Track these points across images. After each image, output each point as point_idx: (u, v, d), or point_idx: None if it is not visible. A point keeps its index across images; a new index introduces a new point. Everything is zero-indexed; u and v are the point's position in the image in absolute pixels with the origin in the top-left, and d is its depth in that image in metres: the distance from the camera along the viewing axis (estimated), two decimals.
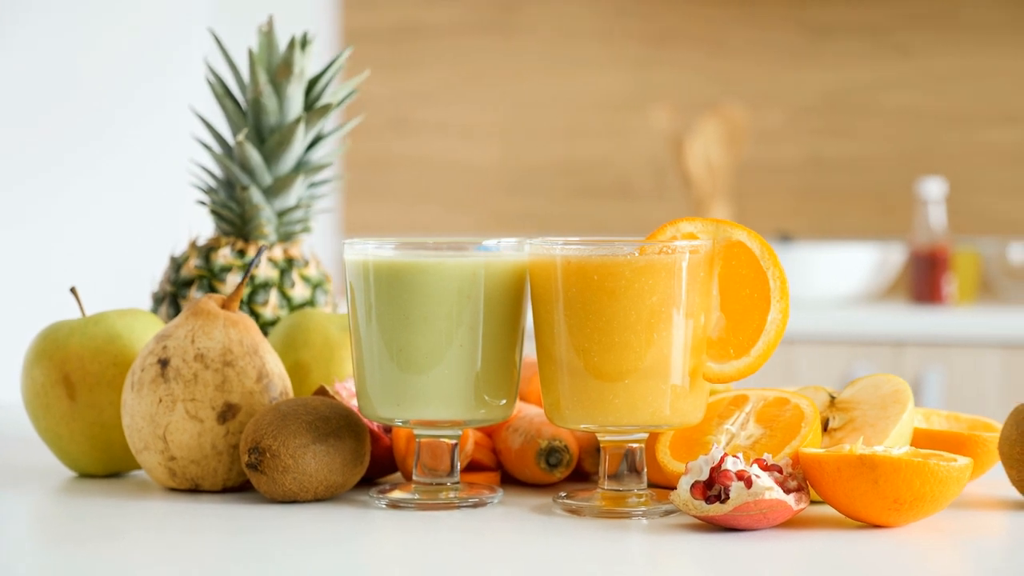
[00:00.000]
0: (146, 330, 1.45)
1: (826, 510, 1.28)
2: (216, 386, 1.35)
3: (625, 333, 1.25)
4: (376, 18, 4.31)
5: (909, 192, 3.94)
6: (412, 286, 1.29)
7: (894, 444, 1.28)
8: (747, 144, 3.95)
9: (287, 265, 1.60)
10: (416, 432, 1.33)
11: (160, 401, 1.35)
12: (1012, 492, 1.35)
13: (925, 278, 3.56)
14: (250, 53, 1.57)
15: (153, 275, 1.72)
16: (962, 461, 1.21)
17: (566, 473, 1.38)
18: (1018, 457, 1.28)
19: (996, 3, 3.95)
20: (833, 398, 1.35)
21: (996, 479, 1.37)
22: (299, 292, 1.59)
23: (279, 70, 1.57)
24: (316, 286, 1.61)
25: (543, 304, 1.30)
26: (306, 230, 1.63)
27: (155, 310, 1.60)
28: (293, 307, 1.58)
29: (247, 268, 1.38)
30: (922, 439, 1.35)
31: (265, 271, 1.58)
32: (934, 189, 3.59)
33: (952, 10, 3.97)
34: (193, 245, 1.62)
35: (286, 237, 1.62)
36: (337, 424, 1.32)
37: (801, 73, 4.08)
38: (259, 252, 1.39)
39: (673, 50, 4.15)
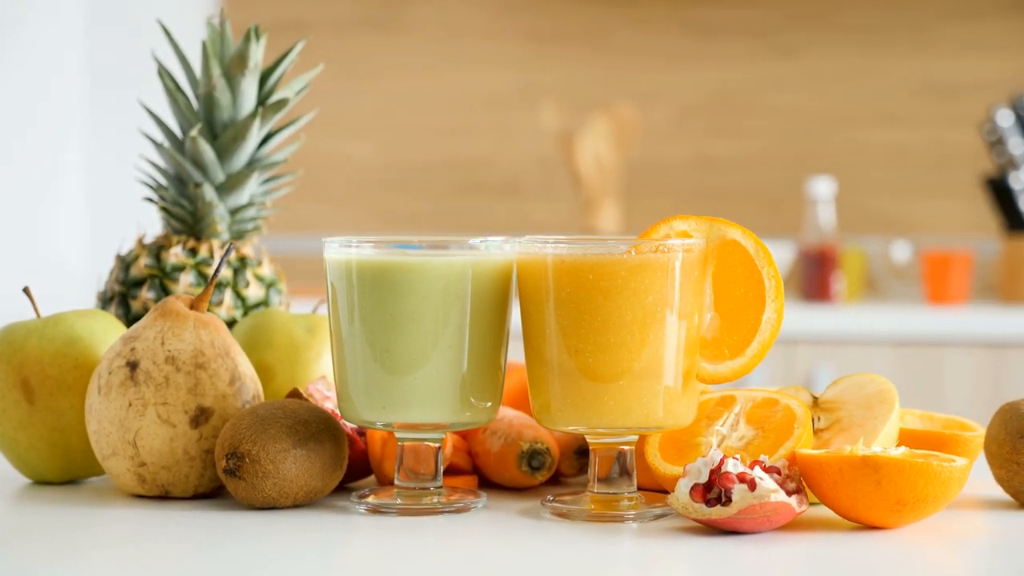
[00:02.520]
0: (107, 332, 1.40)
1: (821, 511, 1.27)
2: (188, 389, 1.30)
3: (620, 333, 1.23)
4: (259, 14, 4.25)
5: (796, 191, 3.97)
6: (399, 286, 1.26)
7: (882, 444, 1.27)
8: (636, 143, 3.95)
9: (240, 264, 1.56)
10: (399, 435, 1.29)
11: (130, 405, 1.30)
12: (997, 491, 1.35)
13: (815, 276, 3.59)
14: (204, 46, 1.53)
15: (99, 274, 1.66)
16: (961, 462, 1.21)
17: (547, 476, 1.36)
18: (1006, 456, 1.28)
19: (877, 5, 3.99)
20: (816, 398, 1.34)
21: (980, 478, 1.37)
22: (253, 292, 1.55)
23: (233, 63, 1.53)
24: (270, 285, 1.57)
25: (533, 304, 1.27)
26: (257, 228, 1.59)
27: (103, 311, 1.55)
28: (248, 307, 1.54)
29: (218, 266, 1.34)
30: (904, 439, 1.35)
31: None
32: (823, 188, 3.61)
33: (834, 11, 4.01)
34: (141, 243, 1.57)
35: (238, 236, 1.58)
36: (317, 428, 1.29)
37: (687, 73, 4.09)
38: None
39: (559, 49, 4.14)
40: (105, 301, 1.56)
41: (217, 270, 1.34)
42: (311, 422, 1.28)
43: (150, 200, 1.57)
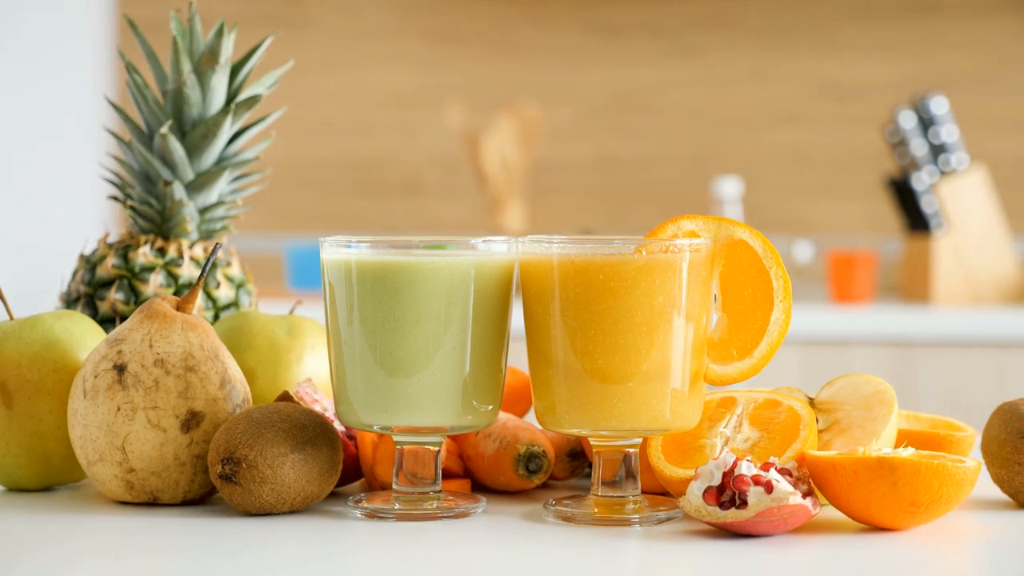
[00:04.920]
0: (85, 334, 1.36)
1: (826, 512, 1.26)
2: (179, 393, 1.27)
3: (630, 335, 1.22)
4: (154, 8, 4.17)
5: (700, 191, 3.99)
6: (402, 286, 1.23)
7: (884, 445, 1.27)
8: (541, 142, 3.94)
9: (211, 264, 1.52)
10: (398, 439, 1.27)
11: (118, 409, 1.26)
12: (994, 491, 1.35)
13: None
14: (174, 41, 1.49)
15: (62, 275, 1.62)
16: (971, 462, 1.21)
17: (543, 479, 1.34)
18: (1007, 456, 1.29)
19: (778, 6, 4.01)
20: (811, 399, 1.33)
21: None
22: (224, 293, 1.52)
23: (204, 59, 1.50)
24: (239, 286, 1.54)
25: (538, 305, 1.25)
26: (226, 228, 1.55)
27: None
28: (219, 308, 1.51)
29: (205, 266, 1.30)
30: (899, 440, 1.35)
31: (188, 271, 1.50)
32: (729, 188, 3.63)
33: (736, 13, 4.03)
34: (105, 243, 1.52)
35: (207, 235, 1.54)
36: (313, 432, 1.26)
37: (590, 72, 4.09)
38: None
39: (462, 48, 4.12)
40: (70, 302, 1.51)
41: (204, 270, 1.30)
42: (308, 426, 1.25)
43: (114, 198, 1.53)
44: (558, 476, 1.38)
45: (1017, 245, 3.84)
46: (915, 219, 3.60)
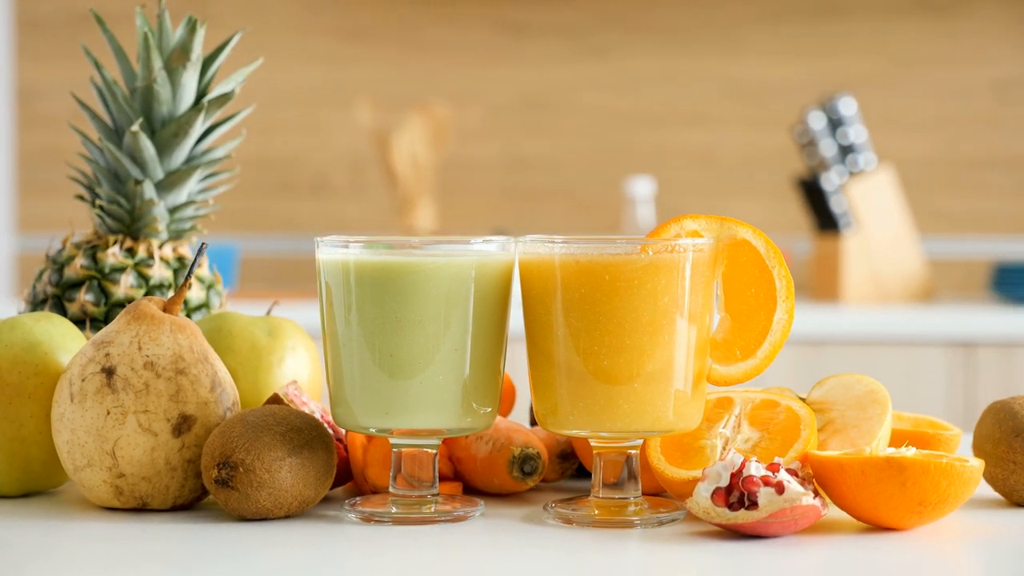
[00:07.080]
0: (65, 337, 1.32)
1: (828, 512, 1.26)
2: (170, 396, 1.24)
3: (636, 335, 1.21)
4: (53, 6, 4.11)
5: (610, 191, 3.99)
6: (405, 288, 1.21)
7: (882, 445, 1.27)
8: (450, 142, 3.92)
9: (180, 265, 1.49)
10: (396, 442, 1.25)
11: (108, 413, 1.23)
12: (985, 489, 1.36)
13: None
14: (145, 37, 1.46)
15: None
16: (975, 462, 1.21)
17: (537, 481, 1.32)
18: (1002, 455, 1.29)
19: (686, 7, 4.03)
20: (803, 400, 1.33)
21: None
22: (195, 294, 1.49)
23: (174, 55, 1.47)
24: (209, 287, 1.51)
25: (540, 305, 1.23)
26: (195, 228, 1.52)
27: None
28: (190, 309, 1.48)
29: (191, 267, 1.27)
30: (894, 439, 1.35)
31: (159, 271, 1.47)
32: (642, 188, 3.63)
33: (644, 13, 4.04)
34: (71, 243, 1.49)
35: (176, 235, 1.51)
36: (309, 435, 1.23)
37: (500, 72, 4.08)
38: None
39: (369, 47, 4.09)
40: (36, 304, 1.47)
41: (190, 271, 1.28)
42: (303, 429, 1.23)
43: (81, 198, 1.50)
44: (548, 478, 1.37)
45: (924, 245, 3.89)
46: (824, 219, 3.62)
